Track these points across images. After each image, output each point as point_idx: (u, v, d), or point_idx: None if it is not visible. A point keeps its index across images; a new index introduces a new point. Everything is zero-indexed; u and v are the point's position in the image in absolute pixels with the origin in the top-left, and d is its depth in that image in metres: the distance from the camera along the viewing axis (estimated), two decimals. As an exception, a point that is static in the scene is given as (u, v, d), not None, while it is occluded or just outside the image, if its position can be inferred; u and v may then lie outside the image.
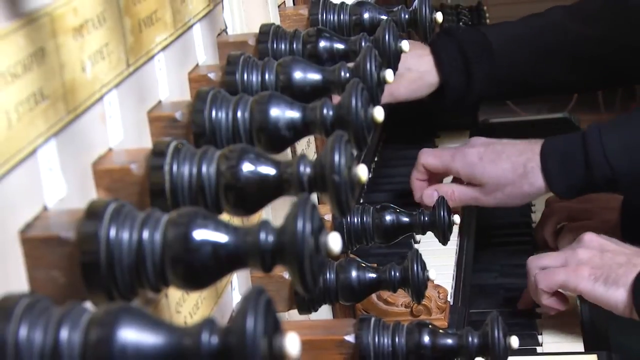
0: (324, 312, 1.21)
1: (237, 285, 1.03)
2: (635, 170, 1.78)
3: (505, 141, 1.88)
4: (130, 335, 0.55)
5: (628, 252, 1.60)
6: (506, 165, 1.82)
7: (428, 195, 1.87)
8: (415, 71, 2.00)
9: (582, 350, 1.64)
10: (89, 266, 0.64)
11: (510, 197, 1.84)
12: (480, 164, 1.83)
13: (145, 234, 0.64)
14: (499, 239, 2.08)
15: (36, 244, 0.66)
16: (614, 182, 1.79)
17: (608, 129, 1.82)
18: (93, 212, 0.65)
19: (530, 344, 1.66)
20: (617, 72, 2.15)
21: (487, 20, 2.66)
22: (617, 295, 1.53)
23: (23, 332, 0.55)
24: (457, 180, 1.90)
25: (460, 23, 2.58)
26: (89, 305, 0.63)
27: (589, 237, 1.63)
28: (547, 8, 2.16)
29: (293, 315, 1.10)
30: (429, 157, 1.90)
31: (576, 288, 1.58)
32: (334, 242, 0.64)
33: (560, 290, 1.64)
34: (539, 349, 1.67)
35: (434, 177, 1.93)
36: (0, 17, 0.64)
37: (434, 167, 1.90)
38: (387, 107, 1.86)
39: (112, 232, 0.64)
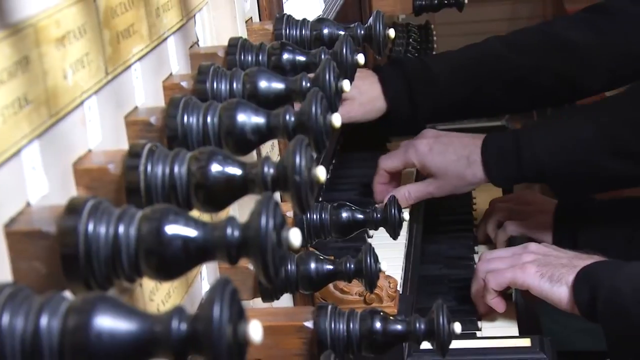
0: (286, 300, 1.21)
1: (206, 276, 1.02)
2: (560, 164, 1.82)
3: (452, 134, 1.93)
4: (106, 322, 0.54)
5: (569, 256, 1.62)
6: (452, 157, 1.87)
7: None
8: (366, 96, 2.02)
9: (517, 334, 1.65)
10: (68, 258, 0.63)
11: (456, 186, 1.89)
12: (430, 155, 1.88)
13: (121, 229, 0.63)
14: (443, 234, 2.09)
15: (19, 238, 0.65)
16: (542, 174, 1.85)
17: (538, 128, 1.89)
18: (73, 208, 0.64)
19: (471, 329, 1.67)
20: (548, 96, 2.18)
21: (434, 37, 2.67)
22: (560, 292, 1.54)
23: (5, 319, 0.54)
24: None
25: (410, 40, 2.59)
26: (68, 294, 0.62)
27: (534, 246, 1.67)
28: (485, 38, 2.18)
29: (257, 303, 1.09)
30: (387, 161, 1.94)
31: (524, 284, 1.59)
32: (295, 237, 0.64)
33: (510, 286, 1.65)
34: (478, 334, 1.68)
35: (395, 177, 1.96)
36: (-13, 27, 0.63)
37: (393, 167, 1.94)
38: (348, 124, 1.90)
39: (90, 227, 0.63)
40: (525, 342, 1.55)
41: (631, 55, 2.05)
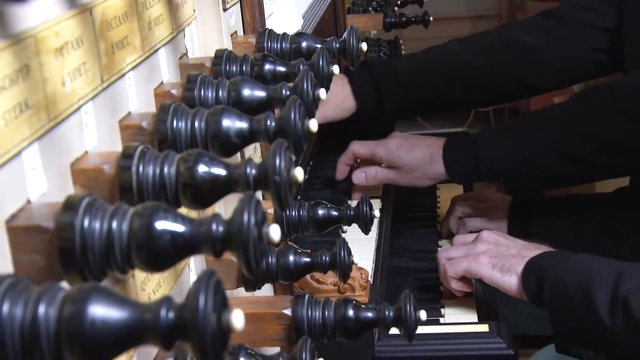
0: (267, 290, 1.20)
1: (194, 267, 1.02)
2: (512, 166, 1.83)
3: (418, 137, 1.97)
4: (99, 310, 0.53)
5: (518, 246, 1.62)
6: (418, 155, 1.89)
7: (357, 176, 1.96)
8: (338, 97, 2.03)
9: (476, 321, 1.65)
10: (65, 251, 0.62)
11: (419, 179, 1.91)
12: (398, 152, 1.90)
13: (114, 224, 0.62)
14: (410, 230, 2.09)
15: (20, 232, 0.64)
16: (496, 174, 1.88)
17: (493, 134, 1.90)
18: (69, 205, 0.63)
19: (434, 315, 1.67)
20: (503, 94, 2.20)
21: (403, 51, 2.67)
22: (510, 281, 1.55)
23: (5, 307, 0.53)
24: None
25: (381, 53, 2.60)
26: (65, 284, 0.61)
27: (486, 234, 1.66)
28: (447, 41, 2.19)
29: (240, 292, 1.09)
30: (358, 147, 1.96)
31: (477, 273, 1.60)
32: (274, 232, 0.64)
33: (466, 275, 1.65)
34: (441, 320, 1.68)
35: (360, 164, 1.98)
36: (-10, 38, 0.62)
37: (362, 154, 1.95)
38: (324, 125, 1.91)
39: (86, 222, 0.62)
40: (484, 327, 1.55)
41: (579, 58, 2.07)
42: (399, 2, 2.59)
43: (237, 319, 0.54)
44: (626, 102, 1.74)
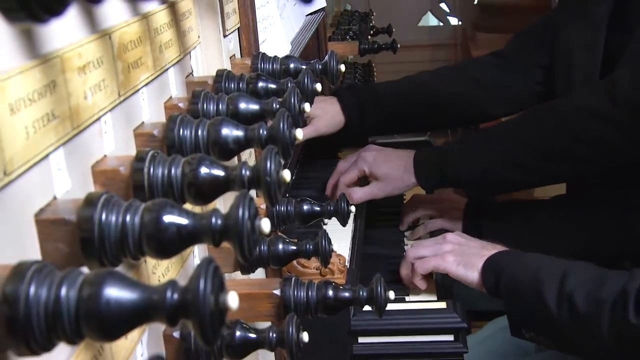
0: (259, 273, 1.19)
1: (197, 254, 1.01)
2: (472, 173, 1.82)
3: (390, 149, 1.94)
4: (113, 292, 0.52)
5: (478, 246, 1.62)
6: (392, 165, 1.87)
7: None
8: (329, 114, 2.02)
9: (436, 299, 1.64)
10: (86, 240, 0.61)
11: (394, 187, 1.88)
12: (375, 163, 1.88)
13: (128, 218, 0.61)
14: (380, 222, 2.09)
15: (47, 224, 0.62)
16: (459, 181, 1.86)
17: (457, 146, 1.88)
18: (89, 201, 0.62)
19: (401, 295, 1.66)
20: (461, 119, 2.21)
21: (375, 72, 2.67)
22: (472, 276, 1.54)
23: (32, 289, 0.51)
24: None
25: (357, 74, 2.59)
26: (85, 269, 0.59)
27: (451, 236, 1.66)
28: (418, 72, 2.21)
29: (237, 275, 1.08)
30: (342, 163, 1.95)
31: (445, 270, 1.59)
32: (265, 225, 0.63)
33: (433, 271, 1.64)
34: (407, 298, 1.67)
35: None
36: (23, 57, 0.61)
37: (350, 180, 1.92)
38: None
39: (104, 216, 0.61)
40: (442, 305, 1.55)
41: (523, 90, 2.10)
42: (371, 32, 2.59)
43: (233, 299, 0.53)
44: (564, 118, 1.75)
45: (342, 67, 1.13)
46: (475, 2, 5.46)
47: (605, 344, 1.31)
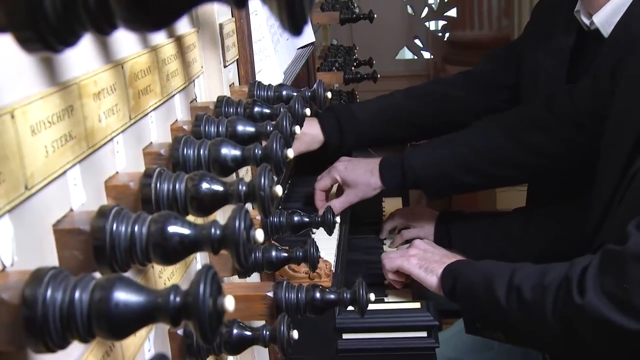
0: (255, 277, 1.17)
1: (200, 259, 0.99)
2: (429, 176, 1.83)
3: (360, 159, 1.94)
4: (122, 295, 0.50)
5: (441, 254, 1.62)
6: (361, 172, 1.87)
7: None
8: (310, 133, 2.01)
9: (411, 299, 1.64)
10: (98, 248, 0.60)
11: (364, 191, 1.87)
12: (346, 171, 1.88)
13: (136, 228, 0.60)
14: (363, 233, 2.08)
15: (64, 234, 0.61)
16: (418, 183, 1.86)
17: (415, 151, 1.89)
18: (102, 213, 0.60)
19: (380, 296, 1.66)
20: (432, 131, 2.20)
21: (358, 100, 2.66)
22: (432, 280, 1.55)
23: (49, 293, 0.50)
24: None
25: (341, 100, 2.59)
26: (97, 274, 0.58)
27: (418, 242, 1.67)
28: (393, 91, 2.19)
29: (235, 279, 1.06)
30: (319, 183, 1.93)
31: (407, 270, 1.61)
32: (259, 235, 0.62)
33: (398, 270, 1.64)
34: (385, 299, 1.66)
35: (327, 195, 1.94)
36: (44, 84, 0.60)
37: (325, 186, 1.91)
38: (298, 155, 1.89)
39: (114, 226, 0.59)
40: (417, 305, 1.55)
41: (489, 107, 2.10)
42: (355, 64, 2.59)
43: (229, 302, 0.52)
44: (512, 128, 1.77)
45: (329, 94, 1.13)
46: (445, 38, 5.50)
47: (550, 328, 1.30)
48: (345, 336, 1.50)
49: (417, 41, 5.62)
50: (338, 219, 1.22)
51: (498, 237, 1.88)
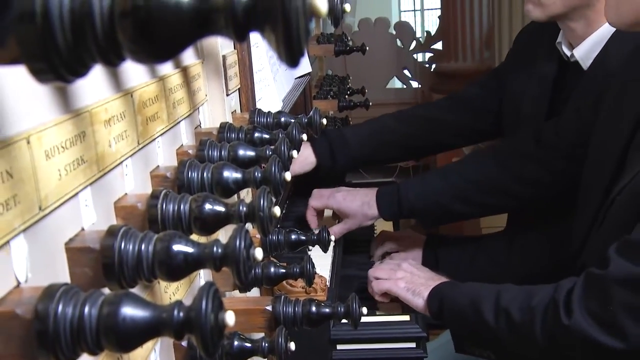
0: (254, 292, 1.16)
1: (203, 275, 0.98)
2: (424, 206, 1.80)
3: (358, 189, 1.90)
4: (129, 310, 0.50)
5: (427, 277, 1.61)
6: (359, 203, 1.84)
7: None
8: (302, 156, 1.98)
9: (401, 313, 1.62)
10: (107, 266, 0.59)
11: (361, 221, 1.85)
12: (344, 202, 1.85)
13: (143, 246, 0.59)
14: (356, 249, 2.07)
15: (75, 252, 0.61)
16: (413, 212, 1.83)
17: (411, 183, 1.86)
18: (111, 232, 0.60)
19: (372, 310, 1.64)
20: (419, 152, 2.18)
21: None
22: (419, 302, 1.53)
23: (60, 308, 0.49)
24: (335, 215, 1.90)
25: (336, 127, 2.58)
26: (107, 290, 0.57)
27: (406, 265, 1.66)
28: (382, 114, 2.17)
29: (235, 293, 1.06)
30: (315, 202, 1.89)
31: (395, 293, 1.59)
32: (258, 253, 0.61)
33: (386, 293, 1.63)
34: (377, 312, 1.65)
35: (320, 212, 1.91)
36: (58, 112, 0.59)
37: (318, 207, 1.89)
38: (295, 176, 1.88)
39: (122, 244, 0.59)
40: (406, 317, 1.54)
41: (473, 129, 2.08)
42: (348, 92, 2.60)
43: (230, 317, 0.51)
44: (503, 159, 1.76)
45: (324, 121, 1.13)
46: (432, 69, 5.53)
47: (539, 347, 1.29)
48: (339, 347, 1.49)
49: (406, 72, 5.65)
50: (333, 238, 1.22)
51: (482, 260, 1.87)
